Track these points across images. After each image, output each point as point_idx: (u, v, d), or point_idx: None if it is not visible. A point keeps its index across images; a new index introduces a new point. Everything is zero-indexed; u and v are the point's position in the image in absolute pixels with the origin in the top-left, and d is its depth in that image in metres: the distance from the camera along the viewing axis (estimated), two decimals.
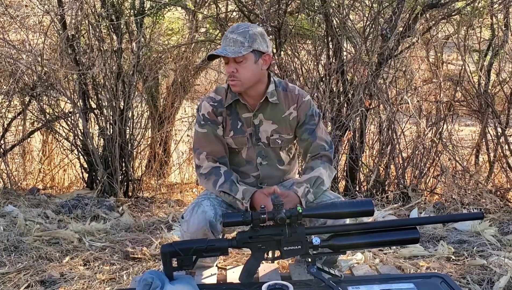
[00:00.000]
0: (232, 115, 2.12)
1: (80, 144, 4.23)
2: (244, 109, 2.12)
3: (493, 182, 3.95)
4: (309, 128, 2.13)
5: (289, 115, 2.13)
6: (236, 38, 1.96)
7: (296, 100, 2.13)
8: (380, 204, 3.67)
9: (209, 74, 5.36)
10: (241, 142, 2.14)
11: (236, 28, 1.99)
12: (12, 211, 3.46)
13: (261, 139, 2.14)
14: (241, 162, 2.18)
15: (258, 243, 1.67)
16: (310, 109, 2.14)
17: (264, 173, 2.18)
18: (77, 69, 3.95)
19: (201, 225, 1.98)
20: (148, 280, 1.58)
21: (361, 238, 1.69)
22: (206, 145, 2.09)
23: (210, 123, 2.09)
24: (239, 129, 2.12)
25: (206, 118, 2.10)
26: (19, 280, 2.42)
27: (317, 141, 2.12)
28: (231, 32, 1.99)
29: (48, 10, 3.99)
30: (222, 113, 2.11)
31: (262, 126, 2.13)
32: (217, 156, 2.09)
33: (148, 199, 4.14)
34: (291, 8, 4.14)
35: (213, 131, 2.09)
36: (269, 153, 2.17)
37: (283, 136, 2.15)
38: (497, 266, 2.48)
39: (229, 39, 1.97)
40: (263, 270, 2.27)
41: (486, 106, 3.90)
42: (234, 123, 2.12)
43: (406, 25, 3.80)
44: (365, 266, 2.43)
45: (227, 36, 1.98)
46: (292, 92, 2.14)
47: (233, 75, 1.99)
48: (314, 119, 2.14)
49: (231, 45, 1.96)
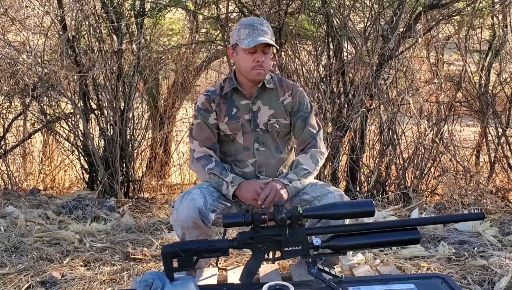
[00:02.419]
0: (227, 102, 2.22)
1: (80, 145, 4.23)
2: (241, 96, 2.22)
3: (494, 182, 3.94)
4: (302, 115, 2.23)
5: (284, 100, 2.23)
6: (266, 30, 2.10)
7: (291, 88, 2.25)
8: (380, 204, 3.67)
9: (209, 74, 5.36)
10: (235, 127, 2.21)
11: (262, 21, 2.14)
12: (13, 212, 3.46)
13: (259, 125, 2.21)
14: (238, 149, 2.22)
15: (259, 243, 1.67)
16: (304, 98, 2.26)
17: (261, 160, 2.20)
18: (78, 70, 3.96)
19: (190, 212, 1.99)
20: (149, 280, 1.58)
21: (361, 238, 1.69)
22: (199, 134, 2.21)
23: (203, 112, 2.20)
24: (234, 115, 2.21)
25: (199, 108, 2.22)
26: (20, 281, 2.42)
27: (310, 128, 2.22)
28: (260, 24, 2.11)
29: (48, 11, 4.00)
30: (215, 100, 2.21)
31: (260, 112, 2.21)
32: (208, 143, 2.20)
33: (148, 200, 4.14)
34: (291, 9, 4.14)
35: (205, 120, 2.20)
36: (267, 140, 2.22)
37: (280, 121, 2.22)
38: (498, 267, 2.47)
39: (260, 30, 2.09)
40: (264, 270, 2.27)
41: (487, 106, 3.90)
42: (229, 109, 2.21)
43: (406, 26, 3.80)
44: (365, 267, 2.43)
45: (257, 27, 2.09)
46: (286, 82, 2.28)
47: (261, 64, 2.10)
48: (307, 107, 2.25)
49: (264, 35, 2.08)
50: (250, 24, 2.11)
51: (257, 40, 2.06)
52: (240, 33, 2.10)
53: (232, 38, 2.17)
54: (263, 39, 2.06)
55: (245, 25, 2.11)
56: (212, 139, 2.21)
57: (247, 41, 2.06)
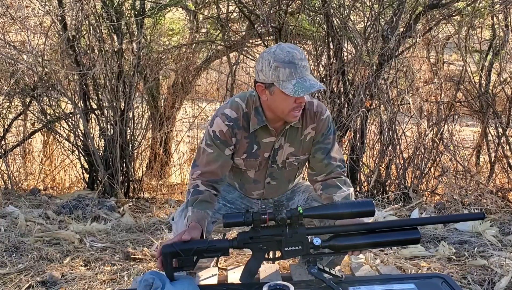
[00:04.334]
0: (250, 138, 1.98)
1: (80, 145, 4.23)
2: (267, 133, 1.98)
3: (494, 182, 3.95)
4: (323, 147, 2.02)
5: (307, 135, 2.01)
6: (307, 66, 1.80)
7: (314, 119, 1.99)
8: (381, 204, 3.67)
9: (209, 74, 5.36)
10: (251, 165, 2.05)
11: (301, 56, 1.79)
12: (13, 212, 3.46)
13: (277, 161, 2.06)
14: (248, 180, 2.13)
15: (259, 243, 1.67)
16: (327, 127, 2.02)
17: (269, 192, 2.17)
18: (78, 69, 3.96)
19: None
20: (149, 280, 1.58)
21: (362, 238, 1.69)
22: (205, 164, 1.96)
23: (219, 143, 1.95)
24: (253, 153, 2.01)
25: (216, 136, 1.95)
26: (20, 281, 2.43)
27: (332, 162, 2.01)
28: (301, 59, 1.78)
29: (48, 11, 3.99)
30: (237, 134, 1.96)
31: (281, 149, 2.03)
32: (211, 178, 1.96)
33: (148, 200, 4.14)
34: (291, 9, 4.14)
35: (220, 152, 1.96)
36: (281, 175, 2.10)
37: (299, 158, 2.06)
38: (498, 267, 2.48)
39: (304, 68, 1.79)
40: (264, 270, 2.27)
41: (487, 106, 3.90)
42: (250, 147, 2.00)
43: (407, 26, 3.80)
44: (366, 267, 2.43)
45: (298, 64, 1.77)
46: (310, 110, 1.98)
47: (302, 106, 1.85)
48: (330, 137, 2.03)
49: (308, 74, 1.79)
50: (290, 61, 1.76)
51: (305, 86, 1.75)
52: (278, 73, 1.76)
53: (263, 73, 1.81)
54: (312, 84, 1.76)
55: (284, 62, 1.76)
56: (218, 175, 1.97)
57: (291, 86, 1.75)
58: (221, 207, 2.15)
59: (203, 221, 1.84)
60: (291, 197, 2.24)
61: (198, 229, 1.79)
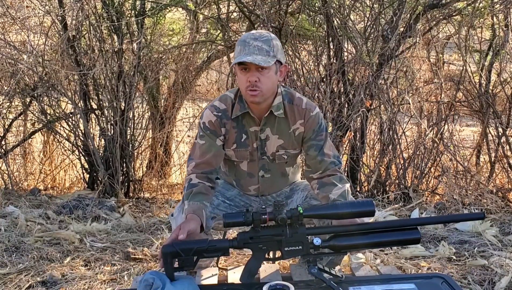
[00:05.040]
0: (238, 128, 2.02)
1: (81, 145, 4.23)
2: (251, 122, 2.02)
3: (494, 182, 3.95)
4: (316, 144, 2.03)
5: (296, 129, 2.04)
6: (261, 46, 1.85)
7: (303, 115, 2.02)
8: (381, 204, 3.67)
9: (210, 74, 5.36)
10: (242, 155, 2.07)
11: (259, 36, 1.87)
12: (13, 212, 3.46)
13: (266, 153, 2.08)
14: (242, 175, 2.15)
15: (259, 243, 1.67)
16: (317, 124, 2.03)
17: (265, 186, 2.18)
18: (78, 69, 3.96)
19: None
20: (149, 280, 1.58)
21: (362, 238, 1.68)
22: (199, 156, 2.01)
23: (210, 133, 2.01)
24: (243, 143, 2.04)
25: (206, 127, 2.01)
26: (20, 281, 2.43)
27: (325, 158, 2.02)
28: (254, 39, 1.86)
29: (49, 11, 3.99)
30: (226, 124, 2.01)
31: (268, 141, 2.05)
32: (206, 169, 2.00)
33: (149, 200, 4.14)
34: (291, 9, 4.14)
35: (212, 141, 2.01)
36: (273, 167, 2.12)
37: (289, 151, 2.08)
38: (498, 267, 2.47)
39: (252, 46, 1.84)
40: (264, 270, 2.27)
41: (487, 106, 3.90)
42: (239, 136, 2.03)
43: (407, 26, 3.80)
44: (366, 267, 2.43)
45: (250, 42, 1.85)
46: (299, 106, 2.02)
47: (255, 85, 1.86)
48: (322, 134, 2.04)
49: (257, 53, 1.83)
50: (243, 39, 1.88)
51: (241, 58, 1.83)
52: (235, 49, 1.89)
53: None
54: (248, 58, 1.81)
55: (240, 41, 1.89)
56: (212, 166, 2.01)
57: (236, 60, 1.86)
58: (220, 203, 2.15)
59: (200, 211, 1.87)
60: (290, 195, 2.24)
61: (195, 219, 1.82)
